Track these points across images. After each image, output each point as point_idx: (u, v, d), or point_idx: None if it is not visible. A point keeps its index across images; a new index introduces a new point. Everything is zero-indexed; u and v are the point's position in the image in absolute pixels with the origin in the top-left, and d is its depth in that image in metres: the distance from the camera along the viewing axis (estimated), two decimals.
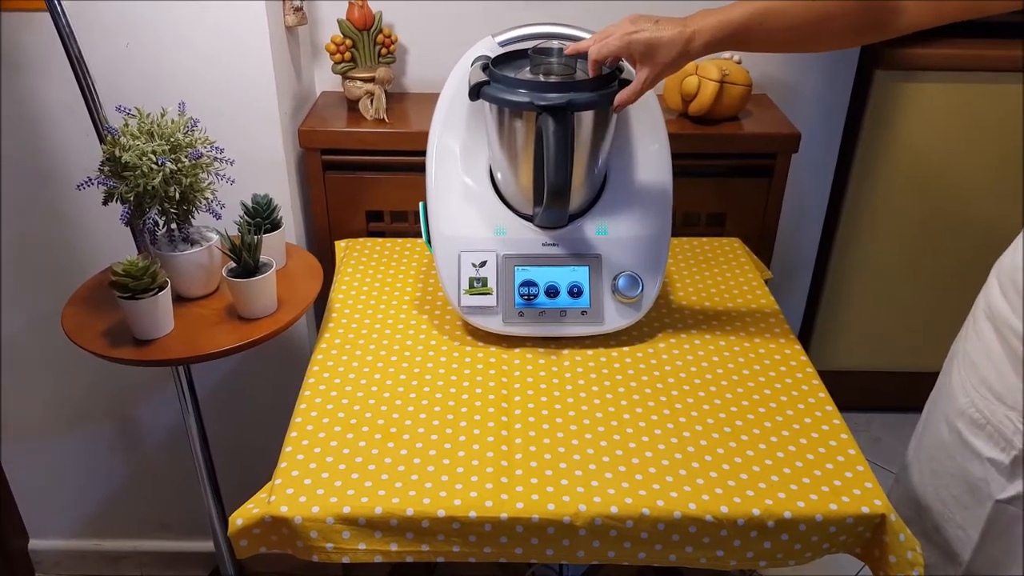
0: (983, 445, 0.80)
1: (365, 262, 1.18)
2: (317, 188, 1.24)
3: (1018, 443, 0.77)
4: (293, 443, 0.85)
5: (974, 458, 0.81)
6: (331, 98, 1.33)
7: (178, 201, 0.94)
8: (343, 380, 0.94)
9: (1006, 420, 0.78)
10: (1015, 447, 0.77)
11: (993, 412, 0.79)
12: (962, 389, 0.84)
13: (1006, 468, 0.78)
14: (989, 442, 0.80)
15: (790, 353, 1.01)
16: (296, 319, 0.99)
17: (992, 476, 0.80)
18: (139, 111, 0.93)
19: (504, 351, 1.00)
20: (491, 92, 0.93)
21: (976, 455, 0.81)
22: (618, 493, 0.79)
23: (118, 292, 0.90)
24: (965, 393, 0.83)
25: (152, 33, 1.10)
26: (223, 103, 1.14)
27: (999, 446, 0.79)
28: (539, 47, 0.97)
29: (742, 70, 1.23)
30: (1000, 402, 0.78)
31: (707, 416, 0.89)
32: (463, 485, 0.79)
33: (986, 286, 0.85)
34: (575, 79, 0.95)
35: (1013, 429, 0.77)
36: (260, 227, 1.03)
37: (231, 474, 1.33)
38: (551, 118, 0.88)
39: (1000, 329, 0.79)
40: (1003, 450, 0.78)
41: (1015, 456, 0.77)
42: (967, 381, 0.83)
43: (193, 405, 1.12)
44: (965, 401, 0.83)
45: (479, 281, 1.00)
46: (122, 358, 0.92)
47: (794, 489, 0.80)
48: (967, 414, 0.82)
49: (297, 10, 1.19)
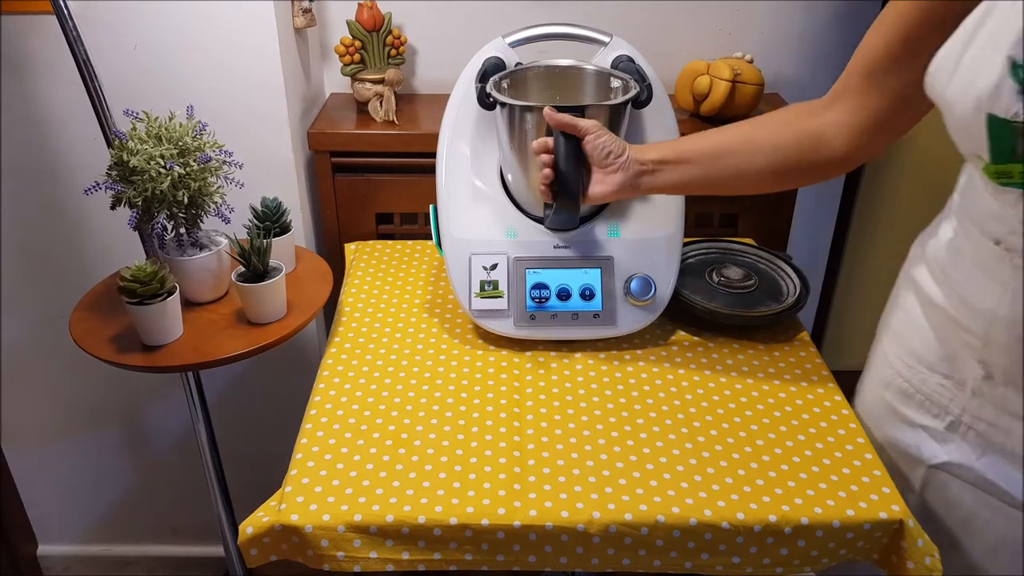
0: (914, 413, 0.84)
1: (375, 265, 1.18)
2: (326, 190, 1.23)
3: (954, 408, 0.80)
4: (303, 449, 0.84)
5: (905, 427, 0.85)
6: (340, 100, 1.33)
7: (187, 205, 0.93)
8: (353, 385, 0.93)
9: (940, 388, 0.81)
10: (951, 412, 0.80)
11: (924, 381, 0.83)
12: (886, 361, 0.88)
13: (940, 434, 0.82)
14: (920, 410, 0.83)
15: (804, 356, 0.99)
16: (306, 323, 0.98)
17: (924, 442, 0.83)
18: (147, 115, 0.93)
19: (516, 355, 0.99)
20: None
21: (908, 423, 0.85)
22: (632, 499, 0.78)
23: (126, 297, 0.90)
24: (890, 365, 0.87)
25: (160, 35, 1.09)
26: (232, 106, 1.14)
27: (932, 412, 0.82)
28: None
29: (754, 69, 1.21)
30: (932, 371, 0.82)
31: (722, 420, 0.88)
32: (475, 492, 0.78)
33: (908, 259, 0.89)
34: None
35: (950, 396, 0.80)
36: (269, 231, 1.02)
37: (241, 478, 1.33)
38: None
39: (925, 303, 0.83)
40: (936, 416, 0.82)
41: (950, 421, 0.81)
42: (891, 353, 0.88)
43: (202, 410, 1.11)
44: (891, 373, 0.87)
45: (490, 284, 0.99)
46: (131, 364, 0.91)
47: (811, 495, 0.79)
48: (894, 384, 0.86)
49: (306, 11, 1.19)
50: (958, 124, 0.69)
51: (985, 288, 0.74)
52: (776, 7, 1.28)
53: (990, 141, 0.65)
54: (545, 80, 1.05)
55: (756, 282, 1.07)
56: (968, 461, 0.80)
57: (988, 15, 0.66)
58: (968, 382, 0.79)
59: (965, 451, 0.80)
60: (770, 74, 1.31)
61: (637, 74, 0.99)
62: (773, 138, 0.83)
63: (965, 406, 0.80)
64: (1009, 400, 0.75)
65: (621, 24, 1.26)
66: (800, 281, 1.07)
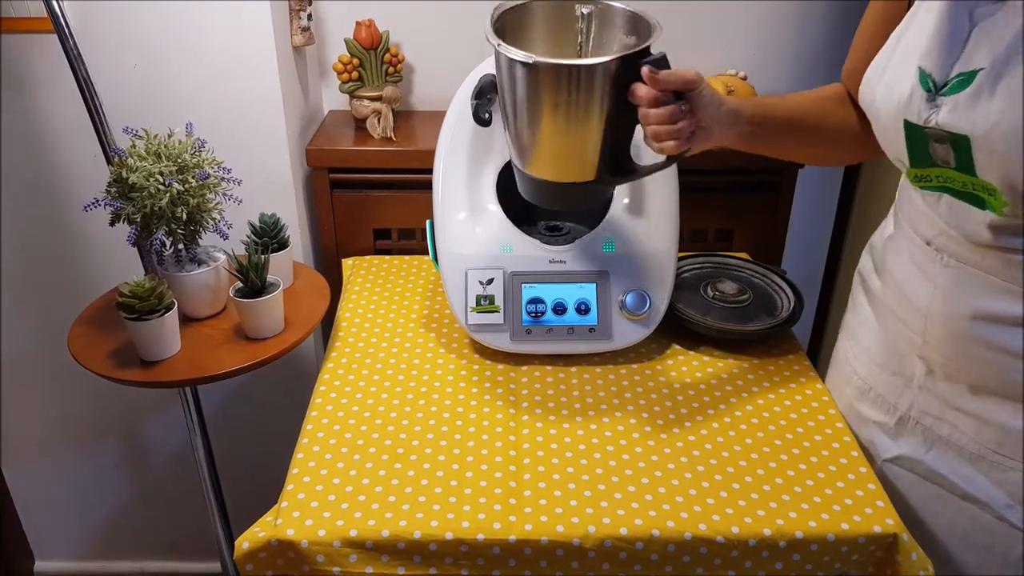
0: (868, 409, 0.88)
1: (372, 280, 1.18)
2: (324, 206, 1.24)
3: (902, 404, 0.84)
4: (299, 465, 0.84)
5: (862, 423, 0.89)
6: (338, 117, 1.34)
7: (185, 222, 0.94)
8: (350, 400, 0.93)
9: (889, 385, 0.85)
10: (899, 408, 0.84)
11: (877, 379, 0.87)
12: (845, 359, 0.93)
13: (891, 429, 0.86)
14: (874, 406, 0.88)
15: (799, 369, 1.00)
16: (303, 339, 0.99)
17: (878, 438, 0.87)
18: (146, 132, 0.94)
19: (512, 369, 0.99)
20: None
21: (863, 420, 0.89)
22: (628, 514, 0.78)
23: (124, 313, 0.91)
24: (848, 363, 0.92)
25: (160, 54, 1.11)
26: (231, 123, 1.15)
27: (883, 409, 0.86)
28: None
29: (747, 86, 1.23)
30: (882, 368, 0.86)
31: (717, 434, 0.89)
32: (471, 506, 0.79)
33: (860, 261, 0.93)
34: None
35: (899, 392, 0.84)
36: (267, 247, 1.03)
37: (239, 492, 1.33)
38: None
39: (873, 300, 0.87)
40: (887, 412, 0.86)
41: (899, 416, 0.85)
42: (849, 351, 0.92)
43: (200, 425, 1.12)
44: (849, 371, 0.92)
45: (486, 299, 1.00)
46: (128, 380, 0.92)
47: (805, 508, 0.79)
48: (852, 382, 0.91)
49: (304, 30, 1.20)
50: (881, 130, 0.74)
51: (920, 285, 0.77)
52: (769, 24, 1.30)
53: (908, 146, 0.69)
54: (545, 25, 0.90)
55: (751, 297, 1.07)
56: (917, 455, 0.83)
57: (909, 26, 0.71)
58: (914, 378, 0.82)
59: (914, 445, 0.83)
60: (764, 90, 1.32)
61: None
62: (826, 125, 0.88)
63: (912, 401, 0.83)
64: (951, 394, 0.78)
65: None
66: (795, 296, 1.08)
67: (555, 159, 0.85)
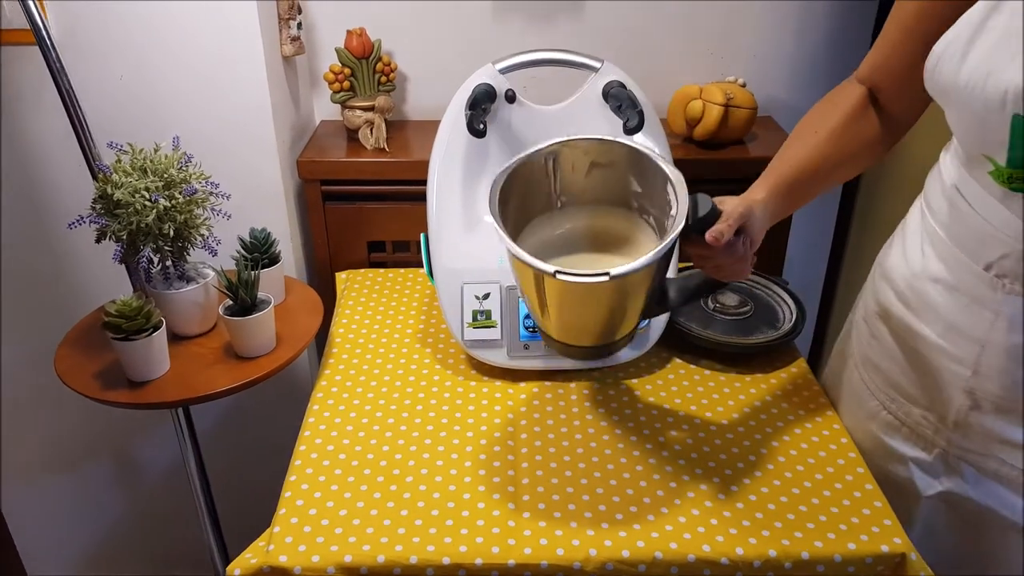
0: (901, 446, 0.83)
1: (367, 294, 1.16)
2: (317, 219, 1.22)
3: (940, 441, 0.79)
4: (292, 487, 0.82)
5: (895, 460, 0.84)
6: (330, 127, 1.32)
7: (172, 238, 0.92)
8: (343, 420, 0.91)
9: (923, 421, 0.80)
10: (937, 445, 0.79)
11: (908, 414, 0.81)
12: (869, 392, 0.86)
13: (931, 465, 0.81)
14: (907, 442, 0.82)
15: (802, 383, 0.98)
16: (295, 357, 0.97)
17: (917, 474, 0.82)
18: (132, 147, 0.92)
19: (510, 385, 0.97)
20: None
21: (898, 456, 0.83)
22: (630, 536, 0.76)
23: (111, 333, 0.88)
24: (871, 395, 0.86)
25: (147, 65, 1.09)
26: (220, 135, 1.13)
27: (919, 445, 0.81)
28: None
29: (747, 93, 1.21)
30: (914, 404, 0.81)
31: (719, 452, 0.87)
32: (468, 529, 0.77)
33: (872, 287, 0.87)
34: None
35: (934, 428, 0.79)
36: (258, 262, 1.01)
37: (233, 509, 1.31)
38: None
39: (900, 333, 0.81)
40: (924, 448, 0.81)
41: (939, 452, 0.80)
42: (873, 383, 0.86)
43: (192, 444, 1.09)
44: (875, 404, 0.85)
45: (483, 314, 0.97)
46: (116, 401, 0.90)
47: (811, 528, 0.77)
48: (880, 417, 0.85)
49: (294, 39, 1.18)
50: (970, 121, 0.65)
51: (974, 316, 0.72)
52: (768, 30, 1.28)
53: (1012, 143, 0.61)
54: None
55: (752, 308, 1.05)
56: (963, 491, 0.78)
57: (996, 8, 0.62)
58: (950, 414, 0.77)
59: (958, 481, 0.79)
60: (763, 97, 1.30)
61: (629, 100, 0.98)
62: (841, 158, 0.81)
63: (950, 438, 0.78)
64: (1000, 427, 0.74)
65: (612, 49, 1.26)
66: (796, 307, 1.06)
67: (595, 334, 0.82)
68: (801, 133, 0.82)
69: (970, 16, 0.64)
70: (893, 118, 0.81)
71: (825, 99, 0.84)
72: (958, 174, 0.73)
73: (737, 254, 0.75)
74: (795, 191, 0.80)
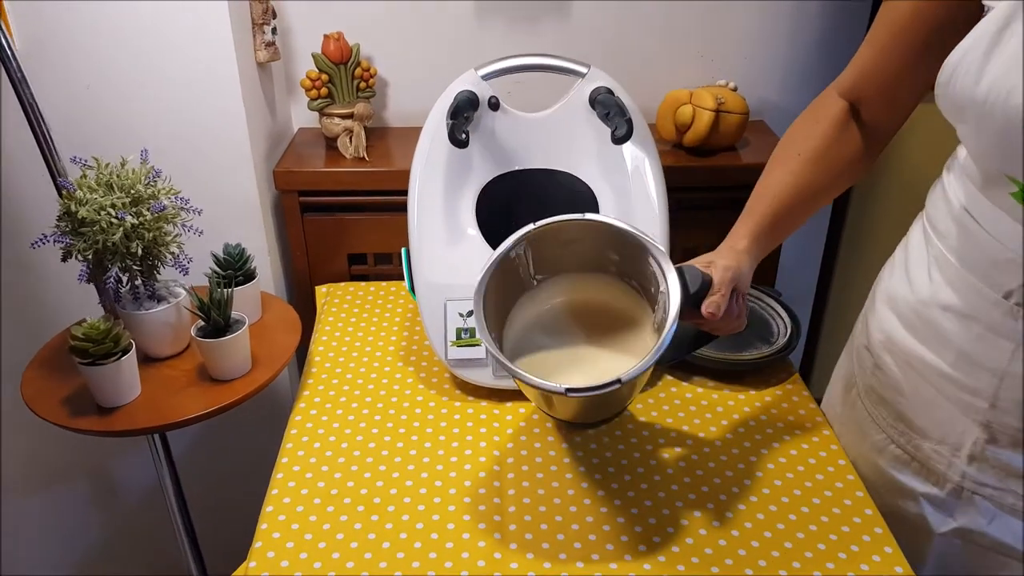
0: (912, 481, 0.79)
1: (347, 309, 1.12)
2: (295, 231, 1.18)
3: (953, 476, 0.75)
4: (274, 502, 0.80)
5: (905, 496, 0.80)
6: (308, 135, 1.28)
7: (141, 257, 0.87)
8: (324, 440, 0.88)
9: (934, 455, 0.76)
10: (950, 480, 0.76)
11: (918, 447, 0.78)
12: (875, 425, 0.83)
13: (944, 501, 0.77)
14: (918, 478, 0.78)
15: (798, 401, 0.95)
16: (273, 378, 0.93)
17: (929, 511, 0.78)
18: (97, 161, 0.87)
19: (495, 405, 0.94)
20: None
21: (907, 492, 0.79)
22: (621, 568, 0.73)
23: (78, 357, 0.84)
24: (879, 428, 0.82)
25: (115, 73, 1.04)
26: (193, 145, 1.09)
27: (931, 480, 0.77)
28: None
29: (738, 98, 1.18)
30: (924, 438, 0.77)
31: (713, 475, 0.83)
32: (454, 544, 0.75)
33: (873, 314, 0.83)
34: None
35: (946, 463, 0.75)
36: (232, 280, 0.97)
37: (213, 529, 1.27)
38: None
39: (907, 364, 0.77)
40: (936, 484, 0.77)
41: (951, 488, 0.76)
42: (878, 415, 0.82)
43: (169, 466, 1.06)
44: (882, 438, 0.82)
45: (467, 332, 0.94)
46: (84, 429, 0.86)
47: (809, 557, 0.74)
48: (887, 451, 0.81)
49: (269, 45, 1.14)
50: (989, 138, 0.61)
51: (992, 347, 0.68)
52: (759, 33, 1.25)
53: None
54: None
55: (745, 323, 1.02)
56: (979, 527, 0.75)
57: (1015, 16, 0.59)
58: (964, 447, 0.74)
59: (974, 517, 0.75)
60: (755, 100, 1.27)
61: (617, 107, 0.95)
62: (825, 181, 0.79)
63: (964, 472, 0.74)
64: (1018, 462, 0.70)
65: (599, 54, 1.22)
66: (791, 320, 1.03)
67: (604, 415, 0.87)
68: (783, 157, 0.79)
69: (987, 25, 0.60)
70: (875, 131, 0.78)
71: (805, 116, 0.81)
72: (968, 195, 0.69)
73: (732, 314, 0.75)
74: (779, 227, 0.78)
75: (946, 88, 0.63)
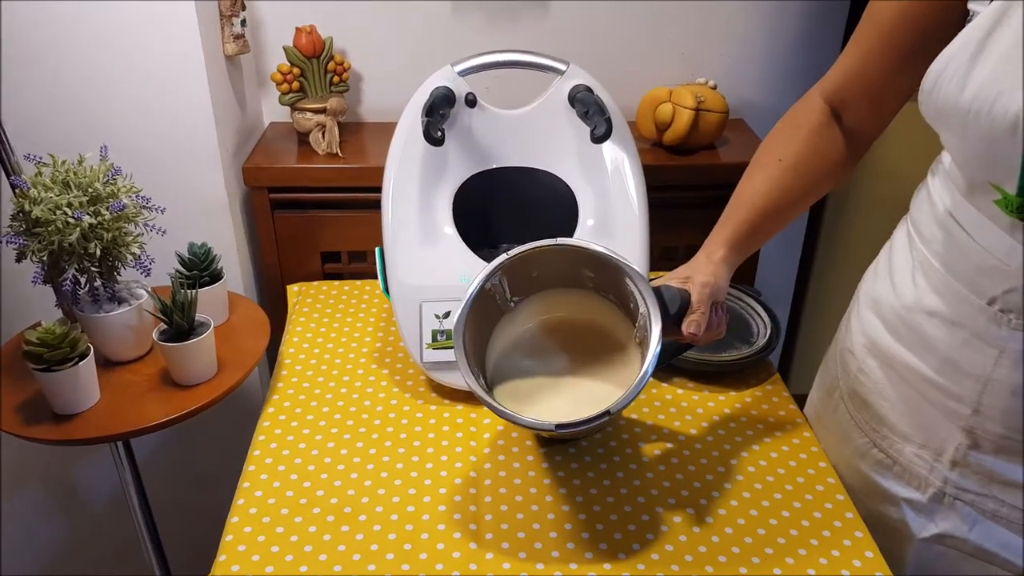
0: (894, 486, 0.78)
1: (320, 308, 1.09)
2: (266, 229, 1.15)
3: (935, 481, 0.74)
4: (239, 512, 0.77)
5: (886, 500, 0.79)
6: (280, 130, 1.24)
7: (100, 258, 0.84)
8: (293, 447, 0.85)
9: (917, 460, 0.76)
10: (931, 485, 0.75)
11: (900, 452, 0.77)
12: (857, 429, 0.82)
13: (925, 506, 0.76)
14: (900, 482, 0.78)
15: (778, 402, 0.94)
16: (240, 383, 0.90)
17: (911, 516, 0.77)
18: (53, 159, 0.83)
19: (472, 409, 0.91)
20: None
21: (888, 497, 0.79)
22: (614, 567, 0.71)
23: (32, 363, 0.80)
24: (861, 433, 0.81)
25: (76, 67, 1.00)
26: (157, 140, 1.05)
27: (912, 485, 0.76)
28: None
29: (718, 96, 1.16)
30: (907, 442, 0.76)
31: (693, 479, 0.82)
32: (428, 554, 0.72)
33: (857, 318, 0.83)
34: None
35: (928, 467, 0.75)
36: (197, 280, 0.93)
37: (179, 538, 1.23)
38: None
39: (891, 368, 0.77)
40: (918, 488, 0.76)
41: (933, 493, 0.75)
42: (861, 419, 0.81)
43: (132, 471, 1.02)
44: (864, 442, 0.81)
45: (443, 334, 0.91)
46: (39, 438, 0.82)
47: (791, 563, 0.73)
48: (869, 455, 0.80)
49: (238, 37, 1.10)
50: (975, 146, 0.60)
51: (977, 352, 0.67)
52: (739, 31, 1.24)
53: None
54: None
55: None
56: (961, 532, 0.74)
57: (999, 23, 0.57)
58: (947, 452, 0.73)
59: (955, 522, 0.74)
60: (734, 99, 1.26)
61: (596, 106, 0.93)
62: (805, 188, 0.78)
63: (946, 477, 0.74)
64: (1000, 468, 0.70)
65: (578, 51, 1.20)
66: (770, 320, 1.02)
67: (580, 434, 0.86)
68: (763, 163, 0.78)
69: (971, 31, 0.59)
70: (857, 136, 0.77)
71: (786, 120, 0.79)
72: (953, 201, 0.68)
73: (712, 325, 0.76)
74: (757, 234, 0.78)
75: (930, 95, 0.62)
